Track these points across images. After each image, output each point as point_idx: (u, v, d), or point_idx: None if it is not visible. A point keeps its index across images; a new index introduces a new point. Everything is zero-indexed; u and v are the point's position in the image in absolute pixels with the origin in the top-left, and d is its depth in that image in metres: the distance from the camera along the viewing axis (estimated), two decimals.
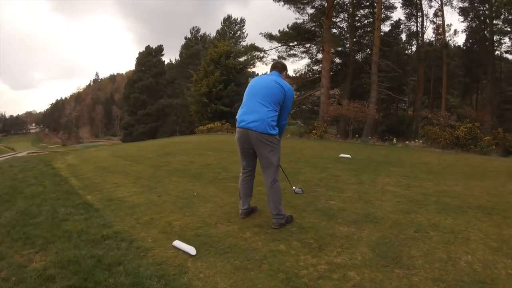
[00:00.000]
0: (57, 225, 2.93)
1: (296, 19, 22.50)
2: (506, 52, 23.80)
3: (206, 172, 5.41)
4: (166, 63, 38.75)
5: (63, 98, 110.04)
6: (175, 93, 34.98)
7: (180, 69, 33.70)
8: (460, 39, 49.91)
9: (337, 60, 25.23)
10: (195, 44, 34.52)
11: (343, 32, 23.44)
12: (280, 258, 2.34)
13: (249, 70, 28.53)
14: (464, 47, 26.44)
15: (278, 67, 3.16)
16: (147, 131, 32.94)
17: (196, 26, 37.97)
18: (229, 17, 34.32)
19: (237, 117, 3.01)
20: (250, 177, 3.11)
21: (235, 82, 24.29)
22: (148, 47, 37.36)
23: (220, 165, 6.06)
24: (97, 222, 3.03)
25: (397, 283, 2.02)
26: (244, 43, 32.66)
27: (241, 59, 26.10)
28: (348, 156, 7.24)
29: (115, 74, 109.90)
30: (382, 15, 22.94)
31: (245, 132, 2.89)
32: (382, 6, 20.36)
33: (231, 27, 34.16)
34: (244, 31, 34.73)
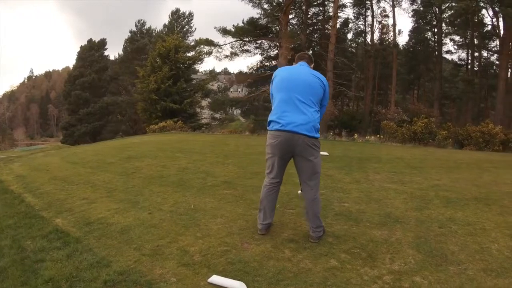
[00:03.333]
0: (33, 271, 2.08)
1: (258, 14, 22.10)
2: (447, 52, 26.51)
3: (188, 178, 4.76)
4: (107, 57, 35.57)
5: None
6: (118, 90, 32.31)
7: (124, 64, 31.05)
8: (403, 39, 54.25)
9: (288, 57, 25.44)
10: (140, 38, 32.10)
11: (294, 29, 23.66)
12: (342, 276, 2.10)
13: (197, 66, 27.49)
14: (406, 47, 28.77)
15: (306, 58, 2.77)
16: (90, 131, 29.80)
17: (141, 19, 35.39)
18: (177, 10, 32.57)
19: (274, 118, 2.53)
20: (278, 187, 2.69)
21: (184, 78, 23.21)
22: (90, 41, 33.64)
23: (198, 169, 5.43)
24: (87, 259, 2.25)
25: (459, 279, 2.07)
26: (192, 38, 31.47)
27: (190, 54, 25.00)
28: (326, 153, 7.11)
29: (51, 70, 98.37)
30: (331, 14, 23.74)
31: (290, 136, 2.44)
32: (338, 4, 20.93)
33: (179, 21, 32.51)
34: (192, 25, 33.33)
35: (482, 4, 19.17)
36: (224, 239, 2.58)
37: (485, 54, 25.11)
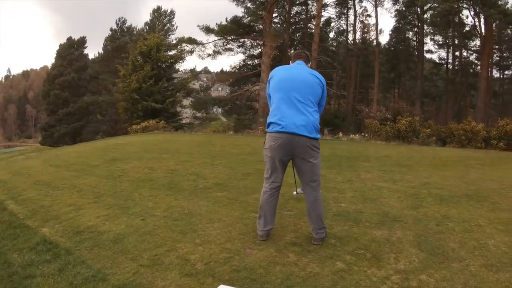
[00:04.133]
0: None
1: (242, 12, 21.98)
2: (427, 51, 27.31)
3: (178, 180, 4.62)
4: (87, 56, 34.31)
5: None
6: (99, 90, 31.31)
7: (105, 63, 30.03)
8: (384, 38, 55.38)
9: (272, 55, 25.38)
10: (121, 36, 31.10)
11: (277, 27, 23.65)
12: (351, 279, 2.08)
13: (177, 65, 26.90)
14: (387, 46, 29.47)
15: (303, 56, 2.70)
16: (70, 132, 28.64)
17: (122, 17, 34.46)
18: (158, 8, 31.86)
19: (274, 119, 2.44)
20: (278, 192, 2.61)
21: (166, 77, 22.79)
22: (70, 39, 32.19)
23: (188, 170, 5.29)
24: (81, 273, 2.07)
25: (463, 276, 2.10)
26: (173, 36, 30.92)
27: (171, 53, 24.57)
28: None
29: (29, 70, 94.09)
30: (313, 13, 23.96)
31: (290, 138, 2.37)
32: (322, 3, 21.05)
33: (160, 19, 31.86)
34: (173, 23, 32.67)
35: (465, 5, 19.74)
36: (225, 245, 2.49)
37: (464, 53, 26.03)
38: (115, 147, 8.07)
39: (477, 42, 24.72)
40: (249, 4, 21.36)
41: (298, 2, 24.07)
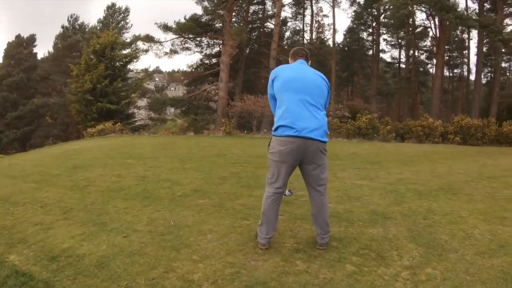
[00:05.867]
0: None
1: (202, 11, 21.42)
2: (380, 51, 28.68)
3: (152, 188, 4.29)
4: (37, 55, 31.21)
5: None
6: (49, 91, 28.74)
7: (56, 62, 27.43)
8: (338, 38, 57.27)
9: (232, 54, 25.13)
10: (73, 34, 28.69)
11: (235, 26, 23.43)
12: (365, 281, 2.05)
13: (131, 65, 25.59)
14: (341, 45, 30.56)
15: (304, 54, 2.61)
16: (20, 137, 25.99)
17: (74, 14, 31.87)
18: (113, 5, 29.83)
19: (285, 122, 2.31)
20: (281, 197, 2.49)
21: (121, 77, 21.65)
22: (18, 37, 29.00)
23: (159, 176, 4.96)
24: None
25: (463, 265, 2.21)
26: (127, 34, 29.36)
27: (126, 52, 23.38)
28: None
29: None
30: (270, 12, 24.26)
31: (303, 143, 2.28)
32: (282, 4, 21.27)
33: (115, 16, 29.96)
34: (128, 21, 30.87)
35: (423, 8, 21.03)
36: (226, 258, 2.31)
37: (416, 53, 27.88)
38: (74, 153, 7.40)
39: (428, 42, 26.89)
40: (207, 4, 20.96)
41: (255, 1, 24.10)
